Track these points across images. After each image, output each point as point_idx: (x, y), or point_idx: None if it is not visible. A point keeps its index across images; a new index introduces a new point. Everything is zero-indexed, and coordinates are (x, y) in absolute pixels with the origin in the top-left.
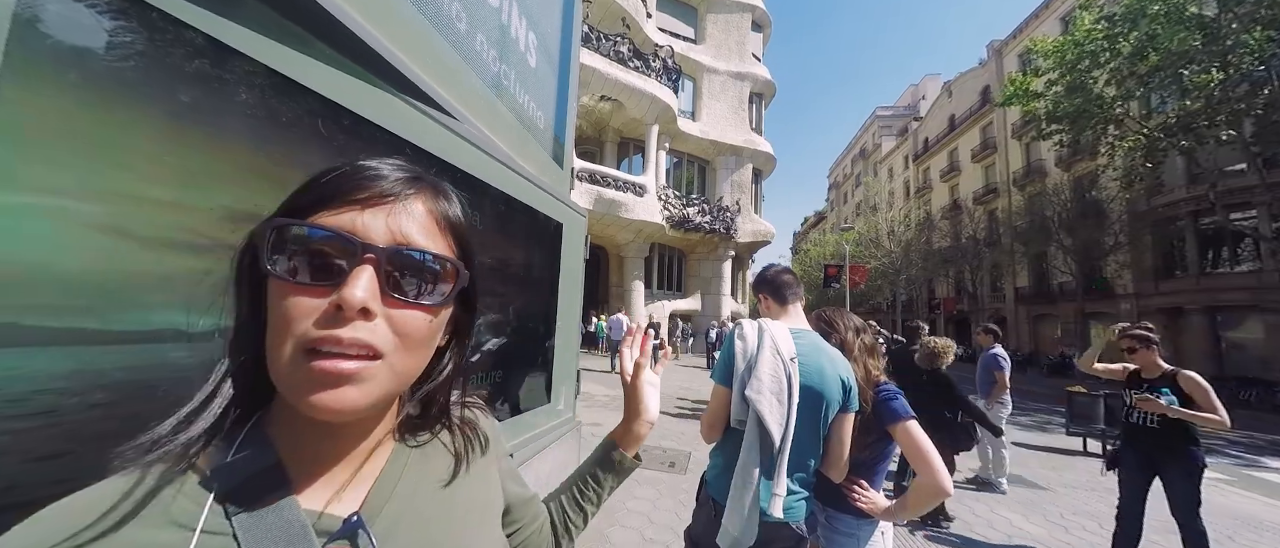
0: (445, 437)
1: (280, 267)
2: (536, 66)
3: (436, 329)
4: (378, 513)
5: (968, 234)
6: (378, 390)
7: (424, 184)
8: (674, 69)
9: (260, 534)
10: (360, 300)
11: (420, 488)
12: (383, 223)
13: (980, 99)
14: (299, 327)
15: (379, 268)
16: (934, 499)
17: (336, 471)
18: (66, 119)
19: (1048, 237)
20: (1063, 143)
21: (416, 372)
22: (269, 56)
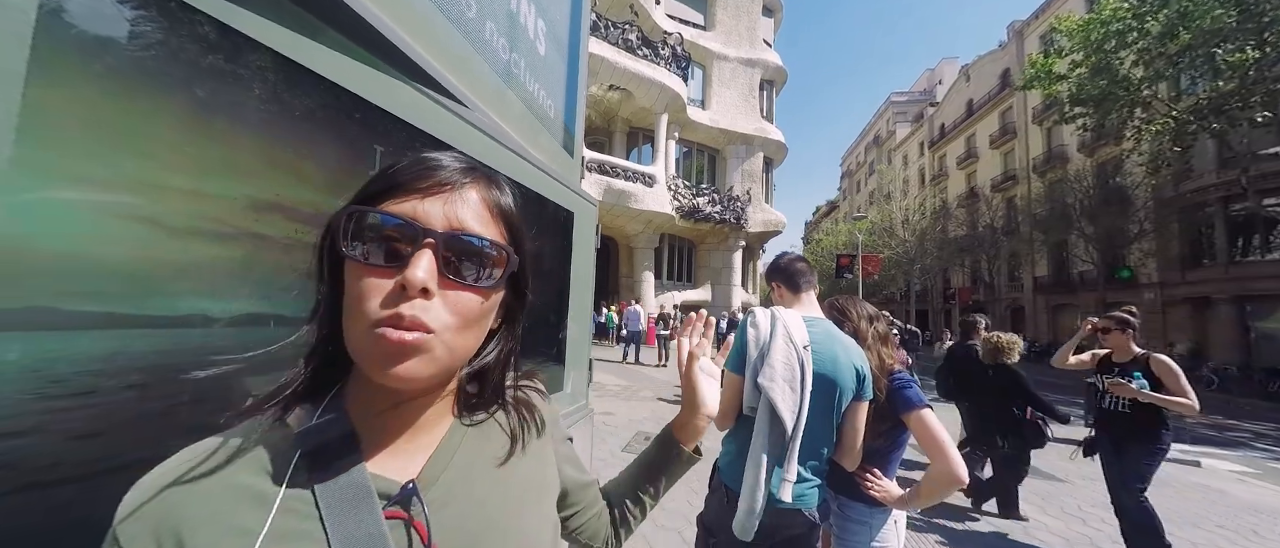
0: (501, 417)
1: (355, 250)
2: (546, 54)
3: (488, 311)
4: (433, 483)
5: (985, 222)
6: (436, 363)
7: (478, 174)
8: (683, 57)
9: (332, 491)
10: (421, 281)
11: (475, 464)
12: (441, 210)
13: (1000, 83)
14: (370, 304)
15: (437, 252)
16: (949, 488)
17: (400, 441)
18: (92, 110)
19: (1069, 224)
20: (1086, 127)
21: (470, 350)
22: (282, 44)
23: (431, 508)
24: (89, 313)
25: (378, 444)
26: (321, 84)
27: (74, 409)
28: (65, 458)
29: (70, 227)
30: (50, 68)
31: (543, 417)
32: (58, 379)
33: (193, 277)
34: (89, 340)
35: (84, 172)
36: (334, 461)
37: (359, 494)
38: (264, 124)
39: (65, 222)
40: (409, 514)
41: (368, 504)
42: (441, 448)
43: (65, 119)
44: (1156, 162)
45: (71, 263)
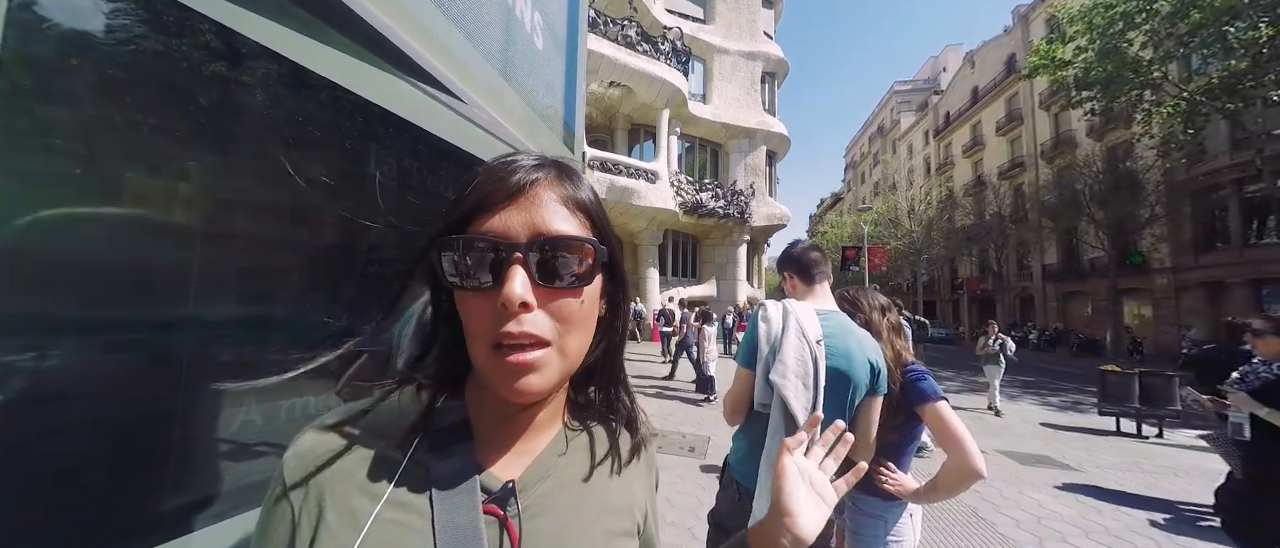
0: (609, 430)
1: (453, 278)
2: (543, 48)
3: (591, 306)
4: (531, 487)
5: (992, 211)
6: (554, 374)
7: (549, 170)
8: (683, 51)
9: (444, 474)
10: (518, 297)
11: (574, 477)
12: (520, 218)
13: (1005, 69)
14: (482, 327)
15: (526, 263)
16: (966, 482)
17: (508, 441)
18: (77, 113)
19: (1078, 211)
20: (1094, 111)
21: (583, 349)
22: (275, 40)
23: (525, 512)
24: (88, 319)
25: (488, 440)
26: (315, 80)
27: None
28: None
29: (63, 231)
30: (25, 68)
31: (649, 449)
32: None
33: (186, 282)
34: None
35: (72, 176)
36: (449, 447)
37: (464, 483)
38: (256, 122)
39: (58, 226)
40: (505, 513)
41: (470, 495)
42: (545, 455)
43: (49, 121)
44: (1168, 144)
45: (73, 267)
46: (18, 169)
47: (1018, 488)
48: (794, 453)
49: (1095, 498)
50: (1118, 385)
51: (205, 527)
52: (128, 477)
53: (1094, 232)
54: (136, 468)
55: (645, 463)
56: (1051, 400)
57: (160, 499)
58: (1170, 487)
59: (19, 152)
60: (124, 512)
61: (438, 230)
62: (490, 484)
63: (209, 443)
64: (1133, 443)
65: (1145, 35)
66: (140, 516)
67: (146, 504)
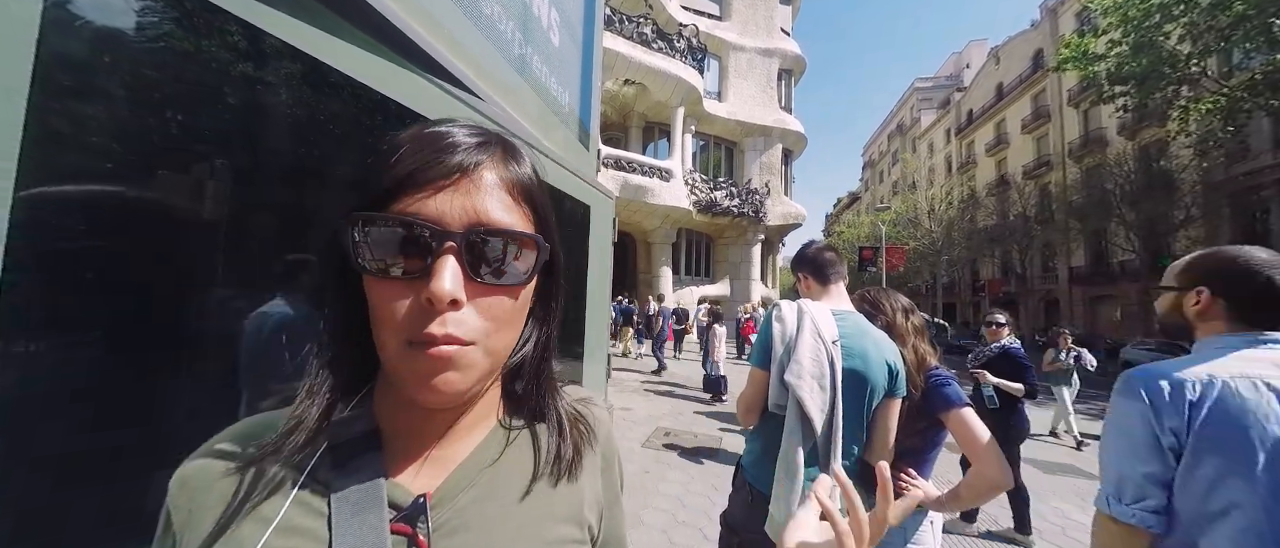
0: (547, 431)
1: (369, 262)
2: (560, 45)
3: (523, 305)
4: (447, 501)
5: (1016, 211)
6: (477, 374)
7: (493, 148)
8: (699, 49)
9: (346, 491)
10: (448, 294)
11: (503, 486)
12: (457, 202)
13: (1032, 65)
14: (396, 321)
15: (460, 255)
16: (991, 492)
17: (426, 446)
18: (106, 111)
19: (1108, 212)
20: (1126, 108)
21: (509, 349)
22: (300, 39)
23: (441, 530)
24: (104, 315)
25: (401, 447)
26: (337, 79)
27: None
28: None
29: (85, 228)
30: (59, 69)
31: (599, 443)
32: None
33: (215, 275)
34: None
35: (101, 173)
36: (353, 460)
37: (369, 500)
38: (281, 121)
39: (80, 223)
40: (414, 531)
41: (376, 512)
42: (469, 463)
43: (78, 121)
44: (1206, 142)
45: (85, 265)
46: (52, 165)
47: (1041, 498)
48: (825, 497)
49: None
50: None
51: None
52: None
53: (1124, 234)
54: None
55: (598, 459)
56: (1079, 407)
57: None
58: None
59: (54, 148)
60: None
61: (355, 204)
62: (400, 499)
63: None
64: None
65: (1183, 28)
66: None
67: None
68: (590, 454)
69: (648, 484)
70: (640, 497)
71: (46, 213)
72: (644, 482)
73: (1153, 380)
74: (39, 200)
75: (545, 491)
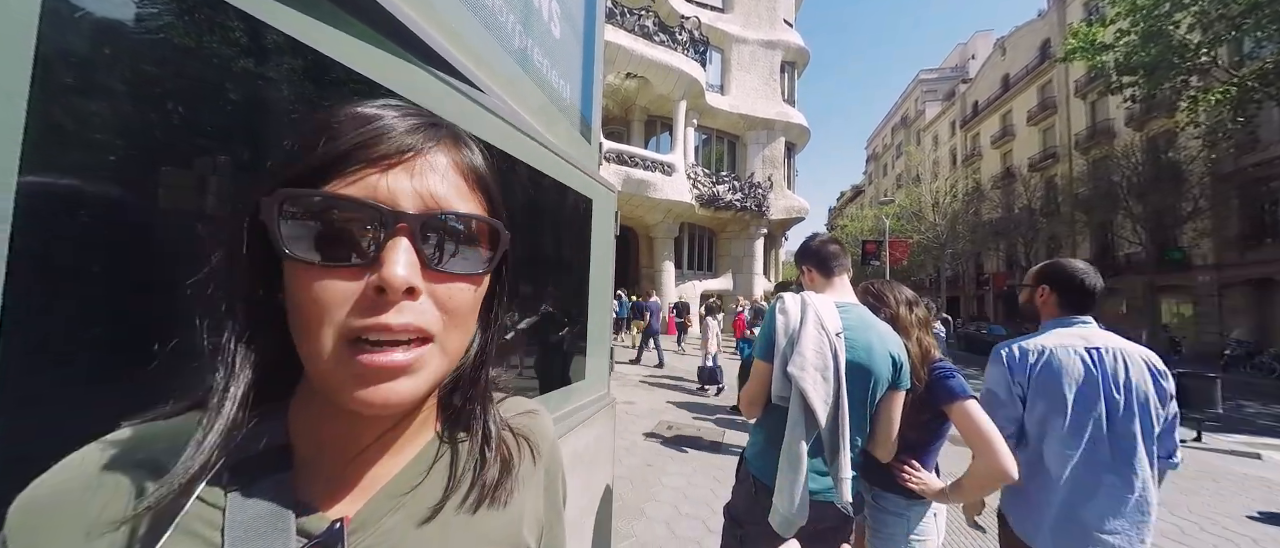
0: (480, 445)
1: (298, 247)
2: (561, 37)
3: (479, 300)
4: (369, 525)
5: (1022, 204)
6: (431, 378)
7: (443, 132)
8: (701, 41)
9: (245, 519)
10: (403, 280)
11: (435, 507)
12: (408, 184)
13: (1038, 55)
14: (337, 315)
15: (414, 238)
16: (995, 484)
17: (348, 463)
18: (104, 107)
19: (1114, 204)
20: (1135, 99)
21: (463, 349)
22: (296, 28)
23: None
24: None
25: (317, 465)
26: (337, 70)
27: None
28: None
29: (89, 230)
30: (57, 64)
31: (543, 458)
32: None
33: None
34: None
35: (101, 171)
36: (255, 482)
37: (271, 527)
38: (277, 112)
39: (84, 225)
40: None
41: (279, 540)
42: (397, 480)
43: (76, 118)
44: (1215, 133)
45: (93, 267)
46: (54, 162)
47: None
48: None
49: None
50: (1199, 391)
51: None
52: None
53: (1131, 226)
54: None
55: (541, 475)
56: None
57: None
58: (1209, 490)
59: (55, 145)
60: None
61: (279, 181)
62: (312, 527)
63: None
64: (1209, 456)
65: (1193, 17)
66: None
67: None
68: (532, 470)
69: (650, 477)
70: (643, 489)
71: (50, 212)
72: (646, 475)
73: (1010, 351)
74: (44, 199)
75: (481, 511)
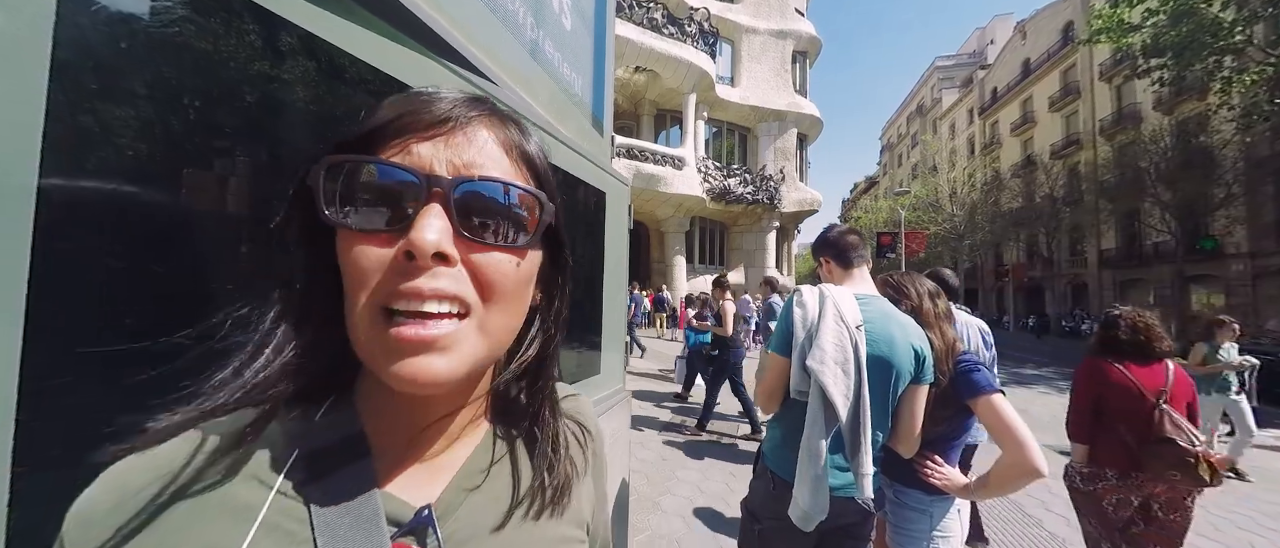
0: (539, 438)
1: (339, 213)
2: (572, 29)
3: (526, 278)
4: (452, 511)
5: (1043, 193)
6: (469, 357)
7: (487, 108)
8: (711, 33)
9: (332, 509)
10: (432, 244)
11: (507, 494)
12: (445, 154)
13: (1061, 38)
14: (370, 282)
15: (448, 204)
16: (1023, 480)
17: (420, 451)
18: (118, 105)
19: (1141, 191)
20: (1163, 81)
21: (509, 332)
22: (313, 22)
23: (450, 542)
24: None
25: (392, 454)
26: (349, 63)
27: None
28: None
29: (113, 229)
30: (75, 62)
31: (592, 442)
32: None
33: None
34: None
35: (115, 170)
36: (338, 470)
37: (364, 516)
38: (294, 109)
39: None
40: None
41: (374, 528)
42: (470, 464)
43: (93, 116)
44: (1250, 116)
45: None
46: (74, 163)
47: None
48: None
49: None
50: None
51: None
52: None
53: (1159, 214)
54: None
55: (590, 458)
56: None
57: None
58: (1240, 486)
59: (76, 145)
60: None
61: (329, 150)
62: (399, 514)
63: None
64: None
65: None
66: None
67: None
68: (584, 455)
69: (665, 471)
70: (659, 483)
71: (71, 210)
72: (662, 469)
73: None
74: (67, 198)
75: (552, 504)
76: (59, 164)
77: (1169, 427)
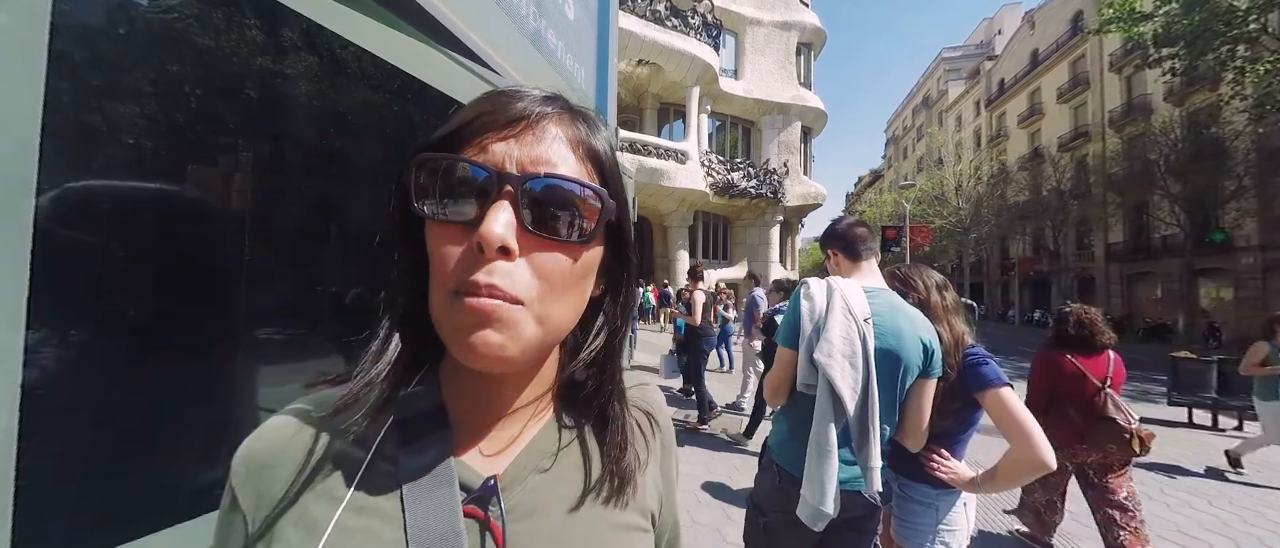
0: (609, 426)
1: (425, 205)
2: (575, 19)
3: (583, 273)
4: (517, 484)
5: (1050, 186)
6: (525, 340)
7: (560, 106)
8: (714, 24)
9: (416, 470)
10: (498, 237)
11: (570, 476)
12: (518, 152)
13: (1070, 28)
14: (448, 268)
15: (516, 201)
16: (1031, 474)
17: (490, 429)
18: (120, 99)
19: (1151, 183)
20: (1175, 72)
21: (566, 322)
22: (317, 11)
23: (512, 514)
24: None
25: (466, 428)
26: (354, 52)
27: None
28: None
29: (116, 225)
30: (73, 56)
31: (660, 431)
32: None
33: (234, 267)
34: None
35: (116, 164)
36: (421, 438)
37: (440, 480)
38: (301, 98)
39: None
40: (486, 514)
41: (448, 494)
42: (533, 446)
43: (95, 111)
44: (1263, 106)
45: (121, 261)
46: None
47: (1073, 480)
48: None
49: (1161, 493)
50: (1192, 373)
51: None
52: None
53: (1168, 206)
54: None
55: (658, 448)
56: None
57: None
58: (1256, 482)
59: (72, 140)
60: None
61: (418, 146)
62: (469, 481)
63: (259, 419)
64: (1207, 436)
65: None
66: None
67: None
68: (652, 443)
69: None
70: None
71: (76, 206)
72: None
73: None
74: (72, 193)
75: (616, 491)
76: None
77: (1111, 407)
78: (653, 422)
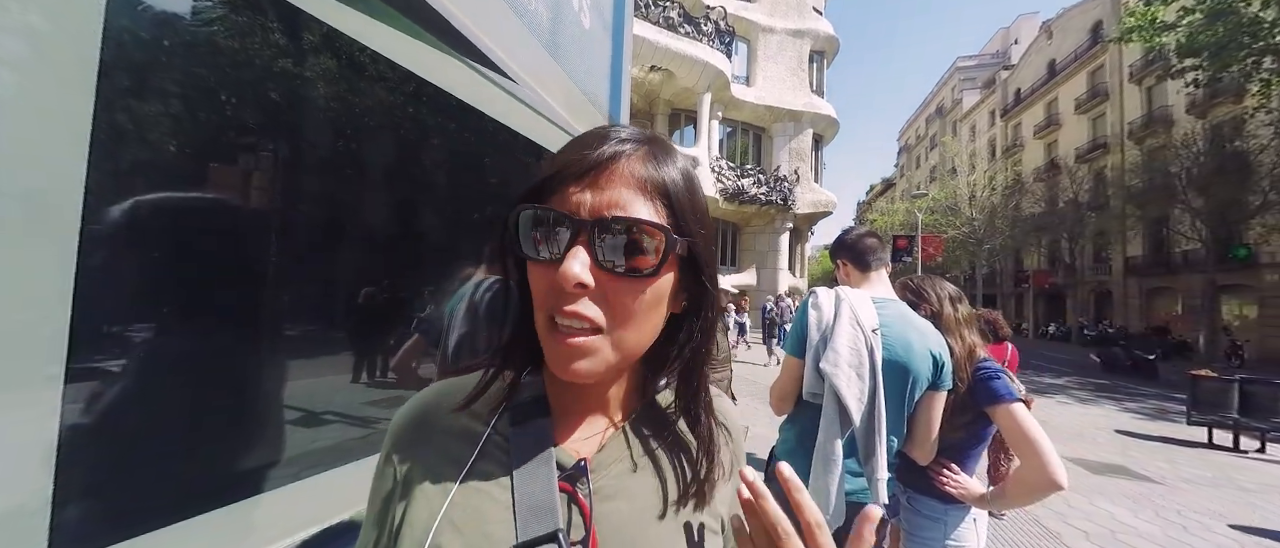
0: (696, 429)
1: (523, 247)
2: (590, 27)
3: (653, 301)
4: (603, 469)
5: (1067, 197)
6: (603, 362)
7: (636, 147)
8: (727, 31)
9: (523, 447)
10: (575, 276)
11: (650, 471)
12: (592, 196)
13: (1089, 38)
14: (543, 300)
15: (590, 241)
16: (1042, 492)
17: (579, 419)
18: (161, 106)
19: (1171, 197)
20: (1197, 83)
21: (640, 344)
22: (337, 19)
23: (598, 494)
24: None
25: (564, 421)
26: (374, 59)
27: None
28: None
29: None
30: (122, 64)
31: (734, 441)
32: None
33: (264, 262)
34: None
35: (155, 171)
36: (527, 421)
37: (543, 458)
38: (321, 101)
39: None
40: (575, 490)
41: (547, 469)
42: (618, 439)
43: (136, 117)
44: None
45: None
46: (119, 158)
47: (1088, 498)
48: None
49: (1180, 515)
50: (1212, 392)
51: (285, 485)
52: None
53: (1190, 220)
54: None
55: (732, 457)
56: (1130, 406)
57: (247, 459)
58: (1274, 507)
59: (119, 141)
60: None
61: (520, 195)
62: (564, 461)
63: (283, 411)
64: (1228, 458)
65: None
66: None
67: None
68: (727, 451)
69: None
70: None
71: (123, 207)
72: None
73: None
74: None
75: (692, 493)
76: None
77: None
78: (728, 434)
